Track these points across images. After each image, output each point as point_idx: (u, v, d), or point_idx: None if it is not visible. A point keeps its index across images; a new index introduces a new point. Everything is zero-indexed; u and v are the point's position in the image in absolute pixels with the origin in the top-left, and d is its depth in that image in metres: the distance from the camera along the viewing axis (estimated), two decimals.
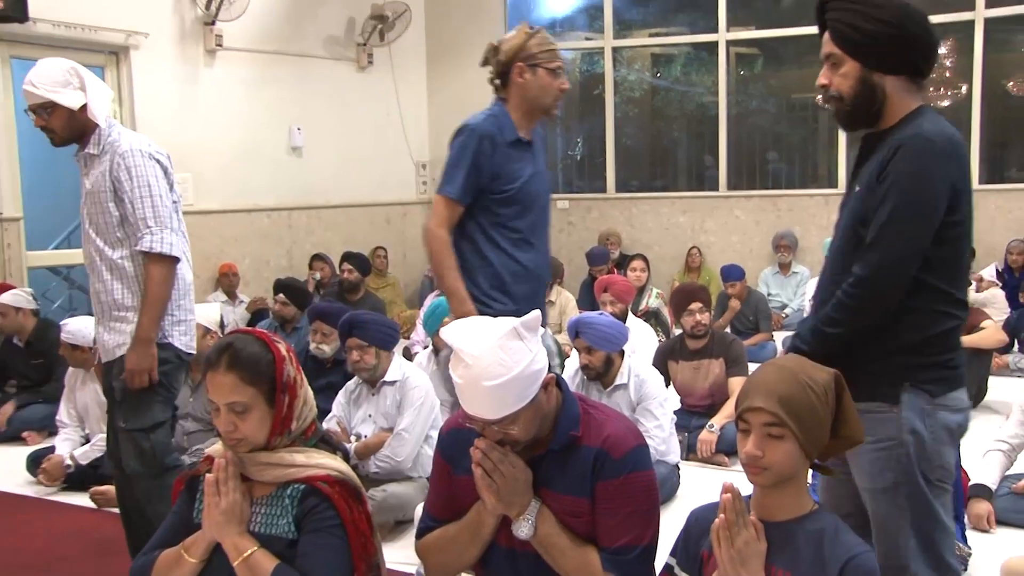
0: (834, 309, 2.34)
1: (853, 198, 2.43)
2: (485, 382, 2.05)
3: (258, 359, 2.15)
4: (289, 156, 8.84)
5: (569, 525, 2.21)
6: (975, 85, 8.89)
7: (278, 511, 2.15)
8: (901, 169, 2.30)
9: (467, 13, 10.19)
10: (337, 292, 7.71)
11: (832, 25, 2.40)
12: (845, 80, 2.40)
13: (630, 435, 2.25)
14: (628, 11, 10.59)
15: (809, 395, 1.97)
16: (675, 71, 11.10)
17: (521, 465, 2.20)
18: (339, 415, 4.50)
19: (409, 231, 10.19)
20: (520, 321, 2.11)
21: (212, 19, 7.88)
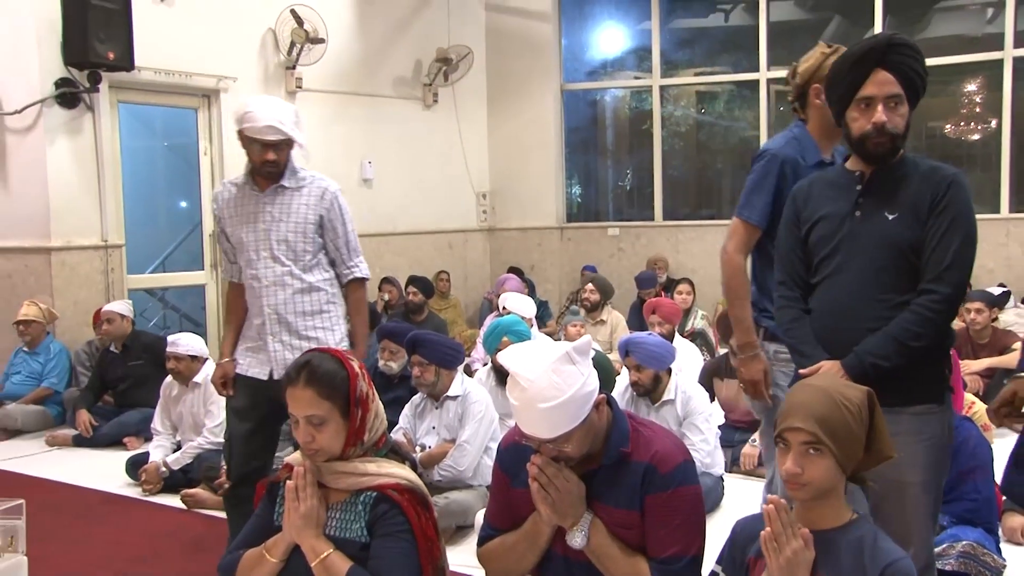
0: (917, 324, 2.37)
1: (881, 224, 2.45)
2: (540, 404, 2.05)
3: (334, 375, 2.18)
4: (360, 187, 8.95)
5: (620, 536, 2.20)
6: (1004, 120, 8.71)
7: (352, 516, 2.17)
8: (962, 201, 2.42)
9: (524, 56, 10.25)
10: (403, 313, 7.76)
11: (900, 68, 2.41)
12: (902, 120, 2.43)
13: (677, 451, 2.24)
14: (674, 52, 10.56)
15: (844, 414, 1.95)
16: (719, 107, 11.04)
17: (575, 479, 2.19)
18: (405, 427, 4.53)
19: (470, 256, 10.24)
20: (572, 345, 2.12)
21: (293, 64, 8.03)
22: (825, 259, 2.54)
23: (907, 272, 2.41)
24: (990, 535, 3.58)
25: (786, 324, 2.61)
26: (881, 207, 2.46)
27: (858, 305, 2.44)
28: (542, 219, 10.35)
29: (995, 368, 6.01)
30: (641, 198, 10.68)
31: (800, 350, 2.55)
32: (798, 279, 2.62)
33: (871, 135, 2.42)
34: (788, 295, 2.63)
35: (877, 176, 2.49)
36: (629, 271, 9.50)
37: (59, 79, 6.59)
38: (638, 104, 10.93)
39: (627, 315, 8.18)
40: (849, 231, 2.49)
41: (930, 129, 9.91)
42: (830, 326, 2.49)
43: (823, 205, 2.56)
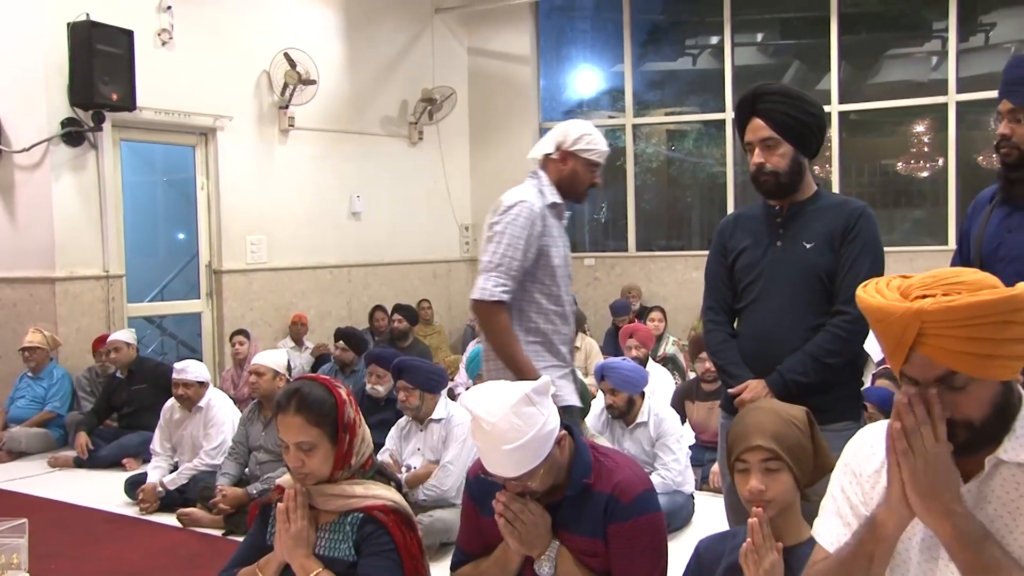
0: (831, 343, 2.48)
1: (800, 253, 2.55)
2: (503, 446, 2.03)
3: (323, 403, 2.18)
4: (349, 220, 8.96)
5: (586, 563, 2.20)
6: (950, 159, 8.86)
7: (340, 536, 2.17)
8: (870, 230, 2.53)
9: (505, 96, 10.32)
10: (389, 339, 7.76)
11: (769, 114, 2.53)
12: (783, 160, 2.51)
13: (638, 481, 2.23)
14: (646, 93, 10.67)
15: (795, 430, 1.99)
16: (688, 145, 11.14)
17: (540, 511, 2.18)
18: (391, 448, 4.52)
19: (454, 285, 10.25)
20: (532, 387, 2.10)
21: (286, 103, 8.07)
22: (749, 286, 2.63)
23: (823, 296, 2.52)
24: None
25: (715, 347, 2.69)
26: (799, 237, 2.57)
27: (780, 327, 2.53)
28: None
29: None
30: (615, 230, 10.74)
31: (728, 371, 2.62)
32: (725, 305, 2.72)
33: (756, 175, 2.57)
34: (716, 319, 2.72)
35: (794, 209, 2.60)
36: (604, 299, 9.55)
37: (65, 119, 6.60)
38: (612, 141, 10.99)
39: (602, 341, 8.20)
40: (771, 260, 2.59)
41: (883, 167, 10.04)
42: (756, 348, 2.57)
43: (747, 236, 2.67)
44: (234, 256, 7.79)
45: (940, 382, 1.37)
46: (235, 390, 6.83)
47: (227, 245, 7.73)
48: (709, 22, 10.20)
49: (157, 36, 7.14)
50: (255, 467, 4.74)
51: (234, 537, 4.36)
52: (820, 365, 2.46)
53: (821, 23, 9.29)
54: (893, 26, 9.76)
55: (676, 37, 10.77)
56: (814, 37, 9.52)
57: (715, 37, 10.13)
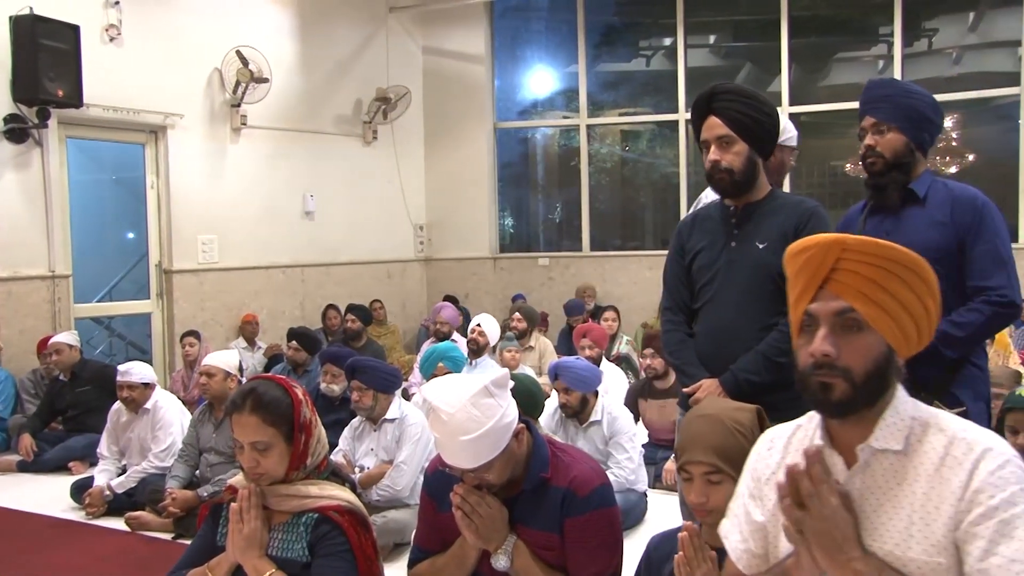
0: (783, 342, 2.48)
1: (753, 253, 2.58)
2: (461, 437, 2.05)
3: (279, 403, 2.16)
4: (303, 220, 8.89)
5: (543, 557, 2.22)
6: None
7: (294, 537, 2.16)
8: (822, 229, 2.51)
9: (459, 96, 10.32)
10: (343, 339, 7.72)
11: (725, 112, 2.57)
12: (738, 158, 2.55)
13: (594, 475, 2.25)
14: (600, 94, 10.75)
15: (739, 439, 1.99)
16: (642, 145, 11.24)
17: (497, 505, 2.20)
18: (345, 449, 4.50)
19: (408, 285, 10.23)
20: (491, 379, 2.12)
21: (238, 102, 7.97)
22: (705, 286, 2.66)
23: (776, 296, 2.53)
24: None
25: (672, 347, 2.72)
26: (753, 237, 2.60)
27: (735, 327, 2.56)
28: (476, 250, 10.40)
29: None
30: (570, 230, 10.80)
31: (684, 370, 2.65)
32: (682, 305, 2.74)
33: (711, 172, 2.60)
34: (674, 319, 2.74)
35: (748, 209, 2.63)
36: (559, 299, 9.58)
37: (8, 115, 6.45)
38: (567, 142, 11.07)
39: (556, 341, 8.24)
40: (726, 260, 2.62)
41: (832, 168, 10.24)
42: (711, 347, 2.60)
43: (703, 237, 2.70)
44: (185, 256, 7.68)
45: (838, 316, 1.49)
46: (185, 392, 6.74)
47: (178, 245, 7.62)
48: (662, 24, 10.30)
49: (105, 32, 7.01)
50: (206, 469, 4.68)
51: (184, 540, 4.30)
52: (772, 364, 2.49)
53: (772, 26, 9.43)
54: (841, 30, 9.95)
55: (630, 38, 10.86)
56: (765, 40, 9.66)
57: (668, 39, 10.23)
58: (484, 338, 6.28)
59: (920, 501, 1.47)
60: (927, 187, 2.64)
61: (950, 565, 1.44)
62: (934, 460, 1.48)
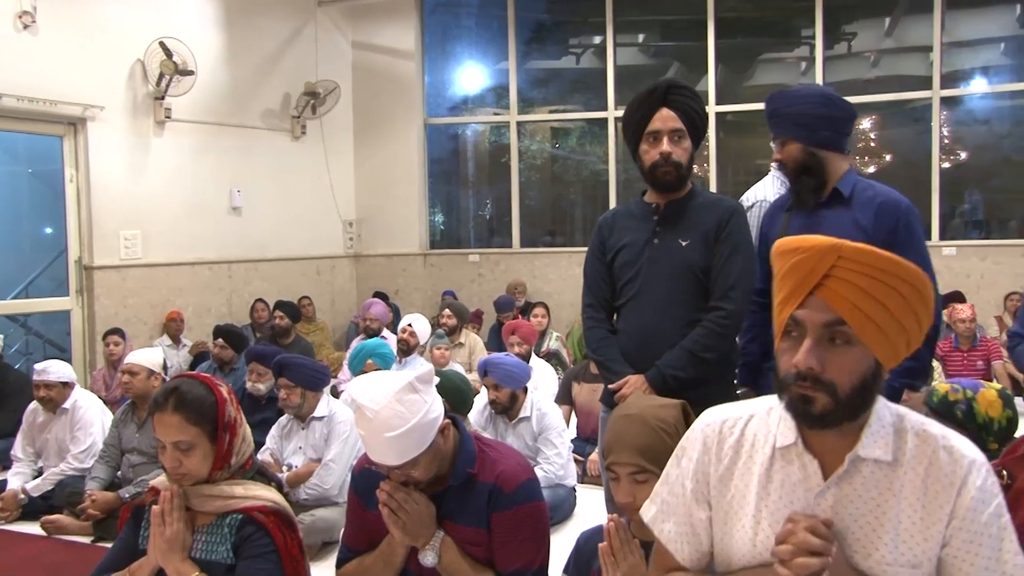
0: (707, 338, 2.54)
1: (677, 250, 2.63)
2: (386, 433, 2.04)
3: (202, 401, 2.14)
4: (230, 215, 8.73)
5: (470, 553, 2.22)
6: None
7: (218, 539, 2.13)
8: (743, 228, 2.62)
9: (389, 91, 10.25)
10: (271, 336, 7.62)
11: (680, 107, 2.61)
12: (685, 153, 2.60)
13: (521, 470, 2.27)
14: (530, 91, 10.79)
15: (663, 437, 2.00)
16: (571, 142, 11.32)
17: (424, 501, 2.20)
18: (272, 447, 4.45)
19: (337, 281, 10.13)
20: (415, 375, 2.12)
21: (162, 94, 7.78)
22: (628, 283, 2.69)
23: (700, 292, 2.60)
24: None
25: (595, 344, 2.74)
26: (675, 235, 2.65)
27: (659, 324, 2.60)
28: (406, 246, 10.35)
29: None
30: (500, 226, 10.83)
31: (609, 367, 2.68)
32: (604, 302, 2.77)
33: (659, 164, 2.62)
34: (596, 316, 2.77)
35: (671, 207, 2.68)
36: (489, 296, 9.60)
37: None
38: (497, 138, 11.09)
39: (486, 337, 8.25)
40: (649, 257, 2.66)
41: (757, 167, 10.45)
42: (635, 344, 2.64)
43: (625, 234, 2.73)
44: (107, 252, 7.48)
45: (827, 328, 1.40)
46: (107, 391, 6.57)
47: (99, 240, 7.41)
48: (592, 22, 10.39)
49: (18, 19, 6.76)
50: (128, 470, 4.57)
51: (104, 544, 4.19)
52: (697, 360, 2.53)
53: (699, 26, 9.58)
54: (766, 32, 10.17)
55: (560, 36, 10.92)
56: (692, 40, 9.81)
57: (598, 37, 10.33)
58: (415, 339, 6.27)
59: (907, 514, 1.44)
60: (852, 187, 2.71)
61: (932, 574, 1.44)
62: (919, 472, 1.44)
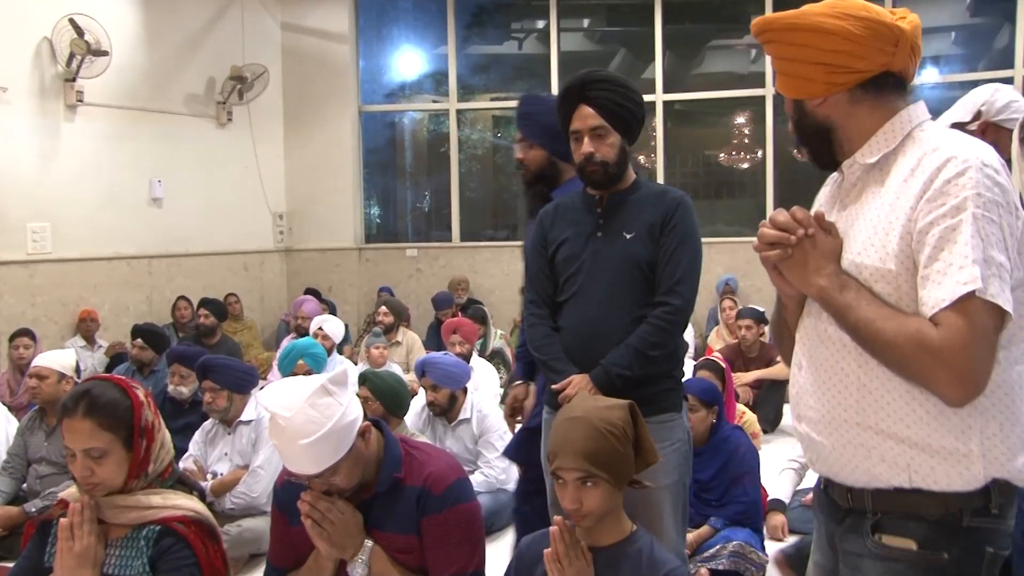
0: (654, 335, 2.54)
1: (621, 244, 2.63)
2: (300, 440, 2.01)
3: (116, 405, 2.08)
4: (150, 207, 8.54)
5: (401, 561, 2.20)
6: (768, 150, 9.44)
7: (133, 552, 2.07)
8: (689, 221, 2.63)
9: (322, 76, 10.13)
10: (194, 336, 7.48)
11: (599, 102, 2.59)
12: (612, 149, 2.60)
13: (450, 471, 2.26)
14: (471, 77, 10.76)
15: (610, 441, 1.99)
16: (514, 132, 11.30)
17: (349, 511, 2.17)
18: (196, 454, 4.36)
19: (266, 277, 9.99)
20: (328, 377, 2.10)
21: (73, 76, 7.57)
22: (571, 278, 2.68)
23: (645, 287, 2.61)
24: (756, 534, 3.86)
25: (538, 341, 2.73)
26: (619, 228, 2.65)
27: (604, 320, 2.60)
28: (340, 240, 10.25)
29: (763, 380, 6.46)
30: (439, 219, 10.79)
31: (552, 366, 2.66)
32: (547, 298, 2.76)
33: (584, 165, 2.63)
34: (538, 313, 2.75)
35: (614, 199, 2.68)
36: (427, 292, 9.56)
37: None
38: (436, 127, 11.05)
39: (424, 336, 8.21)
40: (592, 251, 2.66)
41: (706, 157, 10.59)
42: (579, 341, 2.63)
43: (567, 227, 2.72)
44: (12, 245, 7.25)
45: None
46: (12, 397, 6.36)
47: (4, 233, 7.18)
48: (535, 6, 10.40)
49: None
50: (35, 482, 4.44)
51: (6, 563, 4.06)
52: (644, 358, 2.53)
53: (646, 11, 9.66)
54: (714, 17, 10.30)
55: (501, 20, 10.91)
56: (639, 25, 9.88)
57: (541, 21, 10.34)
58: (328, 340, 6.25)
59: (885, 211, 1.57)
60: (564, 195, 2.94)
61: (899, 272, 1.54)
62: (904, 172, 1.57)
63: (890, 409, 1.58)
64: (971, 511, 1.57)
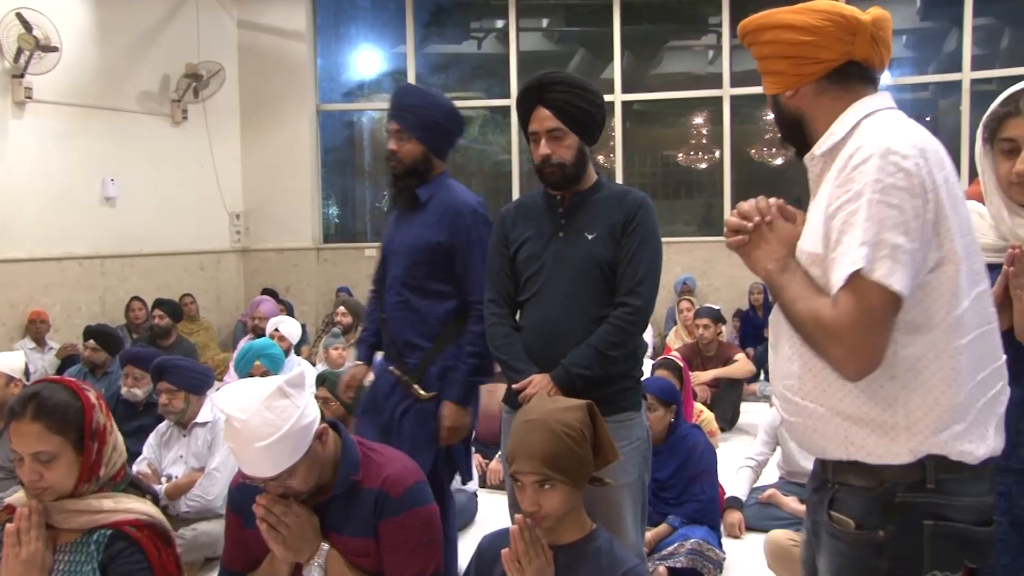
0: (613, 335, 2.55)
1: (582, 244, 2.64)
2: (256, 443, 1.99)
3: (66, 408, 2.04)
4: (102, 206, 8.40)
5: (358, 564, 2.18)
6: (726, 151, 9.53)
7: (83, 558, 2.03)
8: (650, 221, 2.64)
9: (279, 75, 10.04)
10: (149, 338, 7.38)
11: (556, 104, 2.60)
12: (569, 151, 2.60)
13: (408, 473, 2.24)
14: (430, 76, 10.73)
15: (567, 443, 1.99)
16: (473, 132, 11.31)
17: (305, 514, 2.15)
18: (150, 457, 4.30)
19: (223, 277, 9.88)
20: (285, 379, 2.08)
21: (21, 72, 7.42)
22: (532, 278, 2.69)
23: (606, 288, 2.63)
24: (713, 532, 3.89)
25: (498, 341, 2.73)
26: (581, 228, 2.66)
27: (565, 320, 2.61)
28: (298, 240, 10.17)
29: (721, 378, 6.52)
30: None
31: (512, 365, 2.67)
32: (507, 297, 2.76)
33: (541, 167, 2.64)
34: (499, 312, 2.76)
35: (576, 199, 2.69)
36: None
37: None
38: None
39: None
40: (553, 251, 2.66)
41: (664, 157, 10.66)
42: (540, 341, 2.64)
43: (528, 227, 2.72)
44: None
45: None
46: None
47: None
48: (494, 5, 10.40)
49: None
50: None
51: None
52: (604, 357, 2.54)
53: (604, 11, 9.70)
54: (673, 18, 10.37)
55: (460, 19, 10.90)
56: (598, 25, 9.93)
57: (500, 21, 10.35)
58: (285, 341, 6.21)
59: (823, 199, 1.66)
60: (432, 192, 3.13)
61: (824, 255, 1.63)
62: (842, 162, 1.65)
63: (827, 384, 1.68)
64: (905, 485, 1.63)
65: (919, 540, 1.63)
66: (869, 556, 1.67)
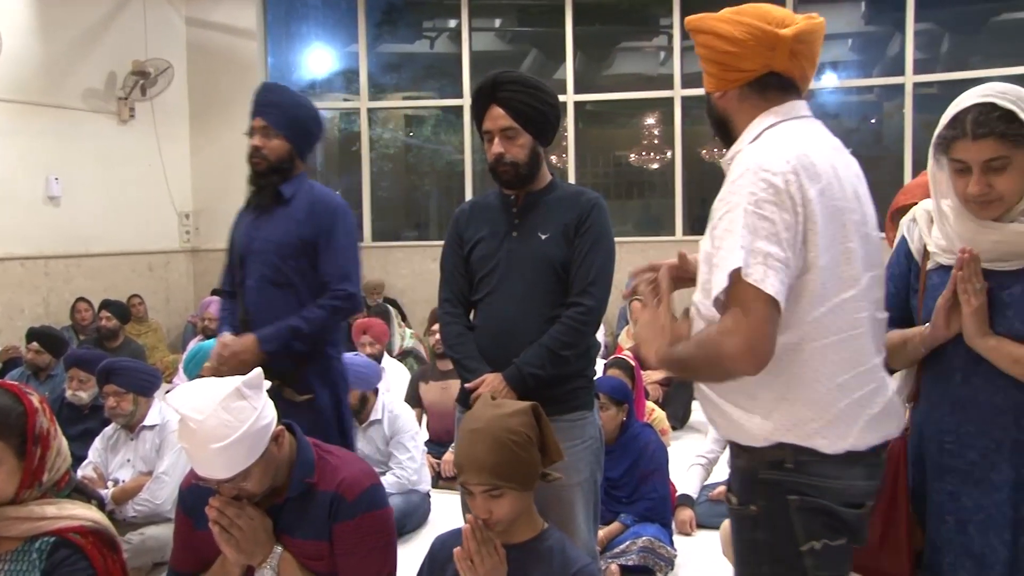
0: (565, 335, 2.56)
1: (536, 244, 2.65)
2: (212, 444, 1.97)
3: (7, 412, 1.98)
4: (46, 205, 8.23)
5: (312, 568, 2.17)
6: (677, 151, 9.61)
7: (24, 567, 1.98)
8: (603, 222, 2.66)
9: (229, 73, 9.91)
10: (96, 339, 7.25)
11: (509, 103, 2.61)
12: (522, 150, 2.61)
13: (364, 477, 2.23)
14: (382, 76, 10.67)
15: (513, 450, 2.00)
16: (426, 131, 11.28)
17: (259, 516, 2.13)
18: (96, 461, 4.21)
19: (172, 278, 9.74)
20: (242, 380, 2.05)
21: None
22: (486, 277, 2.69)
23: (559, 288, 2.64)
24: (665, 529, 3.92)
25: (451, 340, 2.74)
26: (535, 228, 2.67)
27: (518, 320, 2.62)
28: None
29: (672, 377, 6.56)
30: None
31: (465, 365, 2.67)
32: (461, 297, 2.77)
33: (495, 165, 2.65)
34: (453, 312, 2.76)
35: (530, 199, 2.70)
36: None
37: None
38: (347, 126, 10.92)
39: None
40: (507, 251, 2.67)
41: (617, 158, 10.71)
42: (493, 340, 2.65)
43: (483, 227, 2.73)
44: None
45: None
46: None
47: None
48: (447, 4, 10.37)
49: None
50: None
51: None
52: (556, 357, 2.55)
53: (557, 12, 9.73)
54: (624, 19, 10.43)
55: (413, 18, 10.86)
56: (550, 26, 9.95)
57: (452, 20, 10.32)
58: None
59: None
60: (295, 189, 3.15)
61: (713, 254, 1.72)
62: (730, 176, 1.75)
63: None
64: (766, 464, 1.76)
65: (786, 514, 1.74)
66: (748, 529, 1.80)
